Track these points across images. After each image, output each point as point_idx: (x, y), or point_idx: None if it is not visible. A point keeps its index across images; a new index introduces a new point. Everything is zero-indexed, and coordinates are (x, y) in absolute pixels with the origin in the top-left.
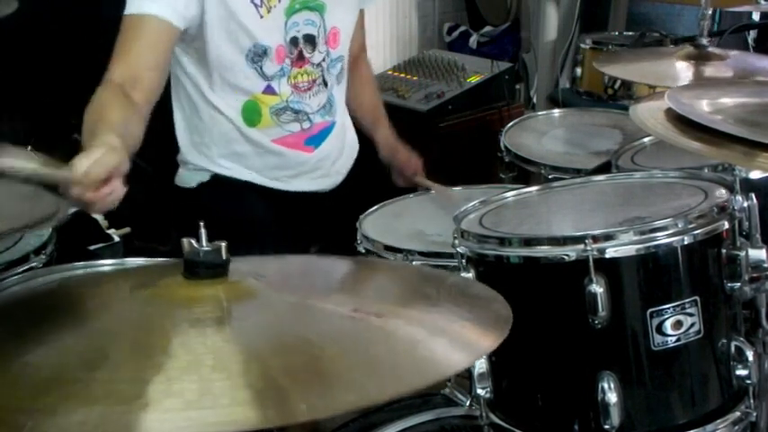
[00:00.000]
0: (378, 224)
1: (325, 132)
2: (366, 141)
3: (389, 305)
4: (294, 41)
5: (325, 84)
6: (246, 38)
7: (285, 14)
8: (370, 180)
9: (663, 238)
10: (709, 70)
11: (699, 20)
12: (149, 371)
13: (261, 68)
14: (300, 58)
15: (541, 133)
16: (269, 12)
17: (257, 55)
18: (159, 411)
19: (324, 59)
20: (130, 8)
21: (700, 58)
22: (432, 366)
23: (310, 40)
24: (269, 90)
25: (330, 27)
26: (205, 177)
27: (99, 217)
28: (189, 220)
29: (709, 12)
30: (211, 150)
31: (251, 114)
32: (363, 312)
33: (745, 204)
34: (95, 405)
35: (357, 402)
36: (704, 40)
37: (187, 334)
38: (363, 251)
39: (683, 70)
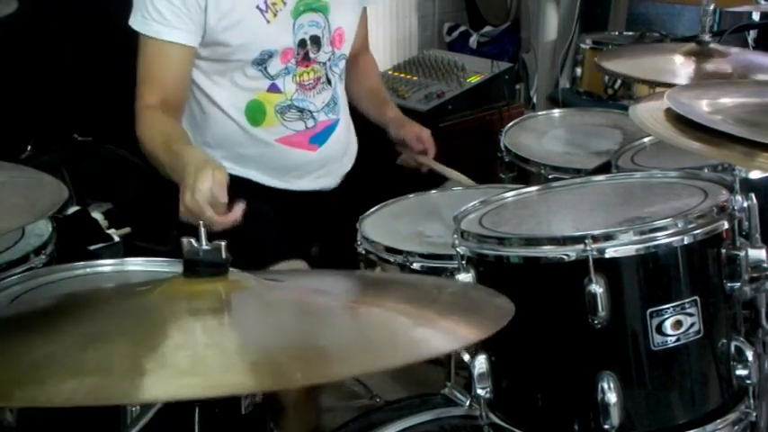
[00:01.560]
0: (378, 225)
1: (329, 130)
2: (365, 142)
3: (389, 301)
4: (302, 43)
5: (329, 81)
6: (253, 45)
7: (292, 16)
8: (370, 180)
9: (663, 238)
10: (711, 67)
11: (700, 17)
12: (143, 349)
13: (266, 69)
14: (306, 59)
15: (541, 133)
16: (275, 16)
17: (263, 60)
18: (152, 379)
19: (330, 58)
20: (148, 30)
21: (701, 54)
22: (424, 344)
23: (316, 41)
24: (273, 88)
25: (335, 27)
26: None
27: (99, 217)
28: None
29: (711, 8)
30: (215, 151)
31: (255, 113)
32: (362, 303)
33: (745, 204)
34: (86, 377)
35: (351, 371)
36: (706, 37)
37: (185, 320)
38: (363, 252)
39: (685, 67)
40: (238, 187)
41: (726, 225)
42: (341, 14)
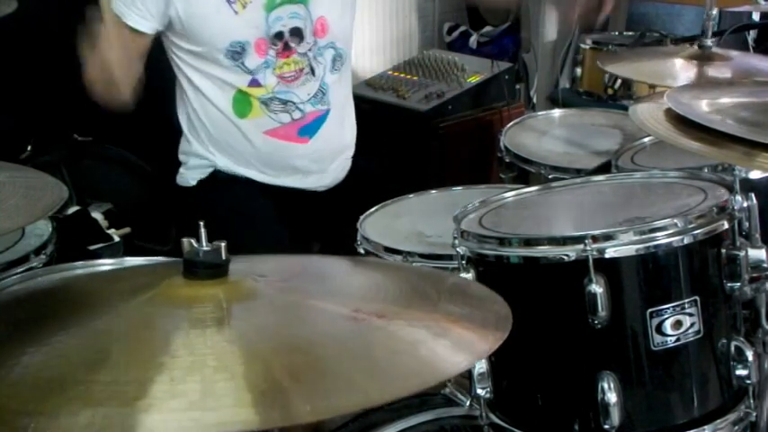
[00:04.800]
0: (378, 225)
1: (318, 121)
2: (366, 141)
3: (390, 306)
4: (279, 35)
5: (313, 72)
6: (221, 36)
7: (265, 9)
8: (371, 180)
9: (663, 238)
10: (712, 71)
11: (703, 20)
12: (152, 371)
13: (243, 64)
14: (286, 49)
15: (541, 133)
16: (244, 7)
17: (236, 52)
18: (163, 412)
19: (310, 49)
20: (114, 7)
21: (703, 58)
22: (433, 367)
23: (297, 33)
24: (254, 83)
25: (317, 18)
26: (205, 174)
27: (99, 217)
28: (189, 219)
29: (714, 12)
30: (209, 144)
31: (241, 106)
32: (365, 313)
33: (745, 204)
34: (99, 407)
35: (360, 403)
36: (708, 41)
37: (188, 334)
38: (363, 252)
39: (687, 70)
40: (238, 185)
41: (726, 225)
42: (322, 4)
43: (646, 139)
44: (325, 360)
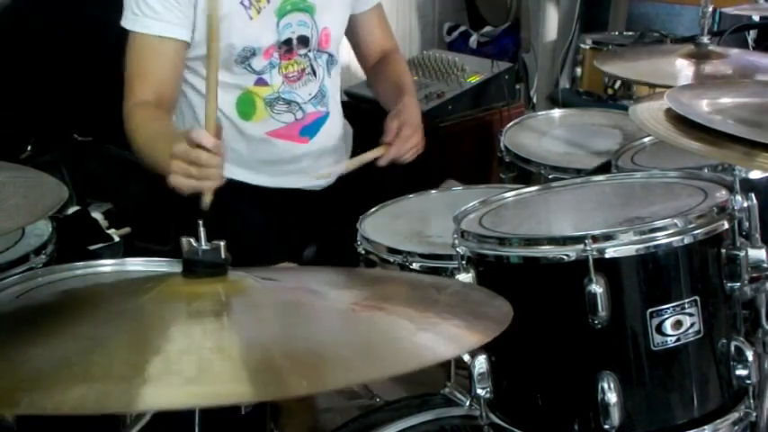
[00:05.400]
0: (378, 225)
1: (319, 122)
2: (365, 141)
3: (389, 303)
4: (288, 42)
5: (314, 73)
6: (235, 41)
7: (276, 15)
8: (370, 180)
9: (663, 238)
10: (710, 69)
11: (699, 18)
12: (148, 354)
13: (250, 65)
14: (289, 52)
15: (541, 133)
16: (258, 13)
17: (246, 57)
18: (159, 387)
19: (310, 50)
20: (139, 26)
21: (700, 56)
22: (429, 350)
23: (304, 41)
24: (261, 82)
25: (322, 28)
26: None
27: (99, 217)
28: (185, 219)
29: (710, 9)
30: None
31: (246, 107)
32: (362, 306)
33: (745, 204)
34: (94, 383)
35: (355, 379)
36: (705, 39)
37: (186, 324)
38: (363, 252)
39: (684, 68)
40: (231, 186)
41: (726, 225)
42: (327, 15)
43: (646, 139)
44: (321, 346)
